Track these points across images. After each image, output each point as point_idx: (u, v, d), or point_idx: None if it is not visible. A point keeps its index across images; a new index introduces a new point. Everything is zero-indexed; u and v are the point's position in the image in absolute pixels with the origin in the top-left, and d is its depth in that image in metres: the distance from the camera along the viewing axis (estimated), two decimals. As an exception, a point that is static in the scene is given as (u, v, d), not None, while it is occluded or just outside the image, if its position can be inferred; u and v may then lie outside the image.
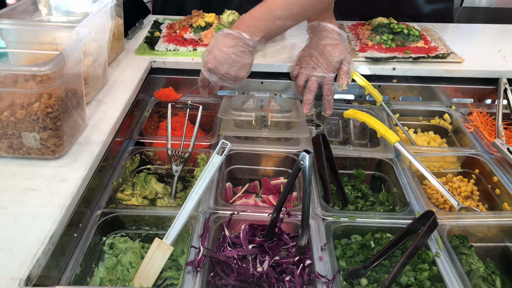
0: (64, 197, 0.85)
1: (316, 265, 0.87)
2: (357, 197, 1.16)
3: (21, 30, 1.07)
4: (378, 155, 1.21)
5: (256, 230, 0.95)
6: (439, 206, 1.13)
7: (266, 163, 1.24)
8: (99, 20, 1.15)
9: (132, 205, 1.03)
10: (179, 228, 0.89)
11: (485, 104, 1.47)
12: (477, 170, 1.21)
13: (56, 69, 0.86)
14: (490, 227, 0.99)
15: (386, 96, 1.46)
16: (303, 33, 1.67)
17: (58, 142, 0.93)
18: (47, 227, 0.77)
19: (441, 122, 1.43)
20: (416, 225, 0.87)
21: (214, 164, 0.92)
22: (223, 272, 0.86)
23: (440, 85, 1.44)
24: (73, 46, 0.93)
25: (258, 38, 1.13)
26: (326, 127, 1.40)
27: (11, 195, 0.85)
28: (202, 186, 0.91)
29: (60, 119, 0.92)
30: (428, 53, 1.43)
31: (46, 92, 0.89)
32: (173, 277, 0.90)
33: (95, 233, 0.94)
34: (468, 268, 0.91)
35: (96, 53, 1.18)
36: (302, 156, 0.81)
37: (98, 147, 1.00)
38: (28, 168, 0.92)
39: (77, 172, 0.92)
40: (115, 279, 0.91)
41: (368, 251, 0.94)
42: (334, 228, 0.96)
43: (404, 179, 1.12)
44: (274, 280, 0.84)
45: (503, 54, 1.51)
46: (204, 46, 1.47)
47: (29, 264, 0.71)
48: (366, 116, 1.20)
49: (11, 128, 0.91)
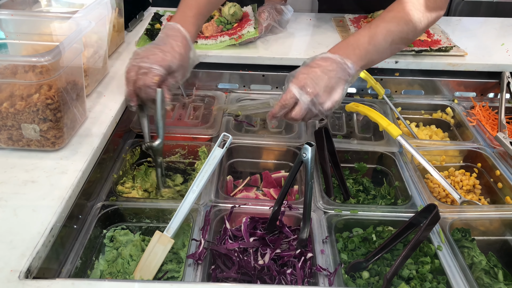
0: (64, 189, 0.84)
1: (317, 258, 0.87)
2: (359, 190, 1.16)
3: (20, 21, 1.06)
4: (383, 148, 1.20)
5: (257, 223, 0.95)
6: (441, 199, 1.12)
7: (267, 157, 1.24)
8: (99, 11, 1.14)
9: (132, 198, 1.03)
10: (180, 221, 0.89)
11: (487, 97, 1.46)
12: (479, 164, 1.20)
13: (55, 60, 0.85)
14: (492, 221, 0.99)
15: (388, 90, 1.45)
16: (305, 26, 1.66)
17: (58, 134, 0.93)
18: (47, 219, 0.77)
19: (443, 116, 1.42)
20: (418, 218, 0.87)
21: (215, 156, 0.91)
22: (224, 264, 0.86)
23: (442, 79, 1.43)
24: (72, 37, 0.92)
25: (359, 68, 1.01)
26: (330, 120, 1.39)
27: (11, 187, 0.84)
28: (203, 179, 0.91)
29: (60, 110, 0.91)
30: (431, 46, 1.42)
31: (45, 83, 0.88)
32: (174, 270, 0.90)
33: (96, 226, 0.93)
34: (470, 261, 0.90)
35: (96, 45, 1.17)
36: (304, 149, 0.80)
37: (98, 139, 0.99)
38: (28, 160, 0.92)
39: (77, 164, 0.91)
40: (115, 272, 0.91)
41: (370, 244, 0.94)
42: (335, 221, 0.96)
43: (406, 173, 1.12)
44: (275, 273, 0.83)
45: (506, 48, 1.50)
46: (204, 39, 1.46)
47: (29, 256, 0.70)
48: (368, 110, 1.19)
49: (10, 120, 0.90)
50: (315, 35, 1.59)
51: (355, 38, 1.04)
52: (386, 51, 1.07)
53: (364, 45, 1.02)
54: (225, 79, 1.47)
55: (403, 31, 1.05)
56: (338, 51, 1.01)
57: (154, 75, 0.99)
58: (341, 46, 1.03)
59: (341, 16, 1.70)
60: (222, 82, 1.47)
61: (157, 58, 1.01)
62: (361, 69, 1.04)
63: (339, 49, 1.02)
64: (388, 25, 1.04)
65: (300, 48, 1.47)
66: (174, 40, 1.05)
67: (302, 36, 1.57)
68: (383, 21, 1.05)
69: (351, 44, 1.03)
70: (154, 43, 1.05)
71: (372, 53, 1.03)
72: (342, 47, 1.03)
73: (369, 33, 1.03)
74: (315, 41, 1.53)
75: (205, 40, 1.45)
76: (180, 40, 1.06)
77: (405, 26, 1.04)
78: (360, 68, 1.02)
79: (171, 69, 1.03)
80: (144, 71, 1.00)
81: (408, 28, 1.05)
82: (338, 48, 1.03)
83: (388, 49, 1.07)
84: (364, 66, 1.04)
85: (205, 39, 1.46)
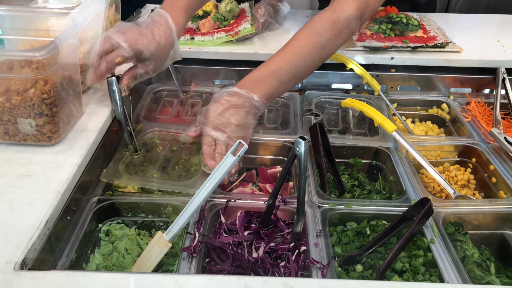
0: (60, 183, 0.85)
1: (311, 251, 0.87)
2: (354, 185, 1.16)
3: (17, 17, 1.06)
4: (378, 144, 1.21)
5: (252, 217, 0.96)
6: (435, 194, 1.13)
7: (263, 152, 1.24)
8: (95, 7, 1.15)
9: (128, 193, 1.03)
10: (181, 226, 0.85)
11: (483, 94, 1.46)
12: (474, 159, 1.21)
13: (50, 55, 0.85)
14: (485, 215, 0.99)
15: (384, 86, 1.46)
16: (302, 23, 1.66)
17: (54, 129, 0.93)
18: (42, 212, 0.78)
19: (439, 112, 1.42)
20: (411, 212, 0.87)
21: (226, 164, 0.84)
22: (219, 258, 0.87)
23: (438, 75, 1.44)
24: (68, 33, 0.92)
25: (264, 100, 1.04)
26: (325, 116, 1.39)
27: (6, 181, 0.85)
28: (210, 186, 0.84)
29: (56, 105, 0.92)
30: (427, 42, 1.42)
31: (41, 78, 0.89)
32: (168, 263, 0.90)
33: (91, 220, 0.94)
34: (463, 254, 0.91)
35: (93, 41, 1.17)
36: (297, 143, 0.81)
37: (94, 134, 1.00)
38: (24, 154, 0.92)
39: (73, 158, 0.92)
40: (111, 266, 0.91)
41: (364, 238, 0.95)
42: (330, 215, 0.97)
43: (401, 168, 1.12)
44: (269, 265, 0.84)
45: (502, 44, 1.50)
46: (201, 35, 1.47)
47: (24, 248, 0.71)
48: (364, 105, 1.20)
49: (6, 114, 0.90)
50: (311, 31, 1.59)
51: (260, 72, 1.06)
52: (291, 81, 1.07)
53: (267, 79, 1.04)
54: (222, 76, 1.47)
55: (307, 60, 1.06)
56: (244, 86, 1.03)
57: (117, 54, 0.96)
58: (246, 80, 1.05)
59: (337, 13, 1.70)
60: (219, 78, 1.48)
61: (131, 36, 0.97)
62: (267, 101, 1.05)
63: (245, 84, 1.04)
64: (290, 56, 1.05)
65: (296, 44, 1.47)
66: (157, 27, 1.02)
67: (299, 33, 1.57)
68: (287, 52, 1.06)
69: (255, 79, 1.05)
70: (136, 23, 1.02)
71: (277, 86, 1.05)
72: (247, 82, 1.05)
73: (273, 67, 1.05)
74: (312, 37, 1.53)
75: (202, 37, 1.46)
76: (163, 30, 1.02)
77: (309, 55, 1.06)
78: (266, 101, 1.04)
79: (142, 55, 0.99)
80: (109, 45, 0.96)
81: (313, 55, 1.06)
82: (244, 82, 1.05)
83: (293, 80, 1.08)
84: (269, 99, 1.06)
85: (201, 36, 1.47)
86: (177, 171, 1.06)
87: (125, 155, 1.08)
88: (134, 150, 1.08)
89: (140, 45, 0.98)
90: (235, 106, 1.00)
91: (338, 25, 1.06)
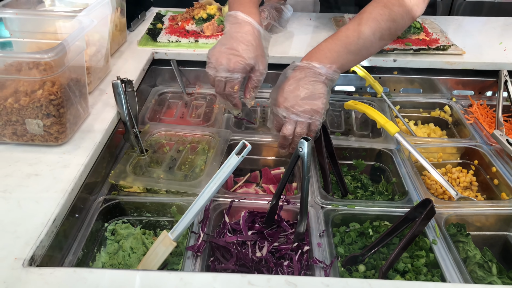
0: (67, 182, 0.86)
1: (314, 251, 0.88)
2: (357, 187, 1.17)
3: (24, 20, 1.08)
4: (380, 145, 1.22)
5: (256, 217, 0.97)
6: (438, 196, 1.14)
7: (266, 153, 1.25)
8: (101, 10, 1.16)
9: (133, 192, 1.05)
10: (185, 225, 0.85)
11: (485, 96, 1.47)
12: (476, 161, 1.21)
13: (58, 56, 0.87)
14: (487, 216, 1.00)
15: (386, 88, 1.47)
16: (305, 26, 1.68)
17: (61, 129, 0.95)
18: (50, 210, 0.79)
19: (441, 114, 1.43)
20: (413, 213, 0.88)
21: (230, 164, 0.84)
22: (223, 257, 0.88)
23: (440, 77, 1.45)
24: (75, 35, 0.94)
25: (329, 65, 1.02)
26: (328, 118, 1.40)
27: (15, 180, 0.87)
28: (214, 186, 0.85)
29: (63, 106, 0.93)
30: (429, 45, 1.43)
31: (49, 79, 0.90)
32: (173, 262, 0.91)
33: (97, 219, 0.95)
34: (465, 255, 0.92)
35: (99, 43, 1.19)
36: (301, 143, 0.82)
37: (100, 135, 1.01)
38: (32, 154, 0.94)
39: (79, 158, 0.93)
40: (116, 264, 0.93)
41: (366, 238, 0.95)
42: (333, 216, 0.97)
43: (404, 170, 1.13)
44: (272, 264, 0.85)
45: (504, 46, 1.51)
46: (205, 38, 1.48)
47: (32, 245, 0.73)
48: (366, 107, 1.21)
49: (15, 115, 0.92)
50: (314, 34, 1.61)
51: (324, 41, 1.06)
52: (360, 51, 1.06)
53: (335, 48, 1.04)
54: (225, 78, 1.48)
55: (384, 28, 1.05)
56: (310, 57, 1.04)
57: (232, 87, 1.05)
58: (309, 52, 1.06)
59: (340, 16, 1.72)
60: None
61: (230, 59, 1.02)
62: (333, 65, 1.03)
63: (313, 54, 1.05)
64: (359, 27, 1.05)
65: (299, 47, 1.49)
66: (243, 33, 1.04)
67: (302, 36, 1.59)
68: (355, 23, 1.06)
69: (317, 48, 1.06)
70: (227, 44, 1.04)
71: (343, 52, 1.04)
72: (309, 53, 1.06)
73: (340, 36, 1.05)
74: (315, 40, 1.54)
75: (206, 39, 1.48)
76: (248, 31, 1.05)
77: (388, 23, 1.05)
78: (331, 64, 1.02)
79: (250, 67, 1.04)
80: (220, 80, 1.04)
81: (391, 23, 1.06)
82: (312, 53, 1.06)
83: (363, 51, 1.07)
84: (334, 62, 1.04)
85: (206, 38, 1.48)
86: (183, 171, 1.08)
87: (132, 156, 1.10)
88: (140, 151, 1.10)
89: (241, 63, 1.02)
90: (298, 80, 1.01)
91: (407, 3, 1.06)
